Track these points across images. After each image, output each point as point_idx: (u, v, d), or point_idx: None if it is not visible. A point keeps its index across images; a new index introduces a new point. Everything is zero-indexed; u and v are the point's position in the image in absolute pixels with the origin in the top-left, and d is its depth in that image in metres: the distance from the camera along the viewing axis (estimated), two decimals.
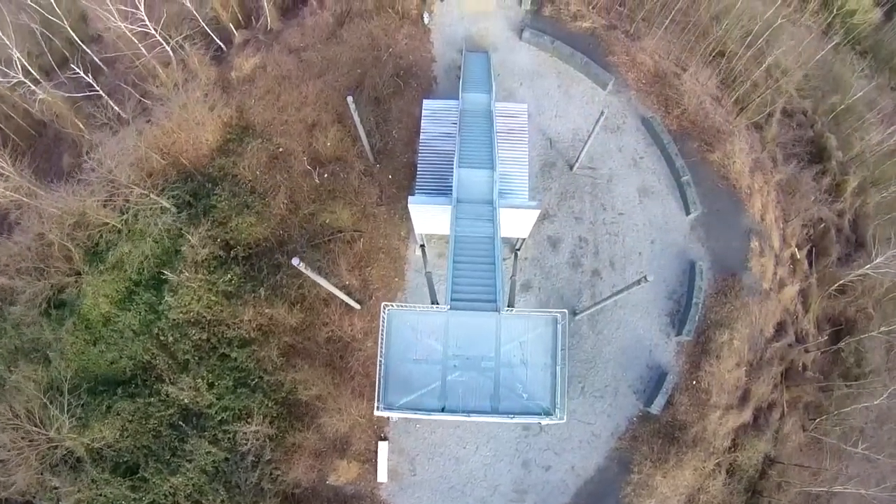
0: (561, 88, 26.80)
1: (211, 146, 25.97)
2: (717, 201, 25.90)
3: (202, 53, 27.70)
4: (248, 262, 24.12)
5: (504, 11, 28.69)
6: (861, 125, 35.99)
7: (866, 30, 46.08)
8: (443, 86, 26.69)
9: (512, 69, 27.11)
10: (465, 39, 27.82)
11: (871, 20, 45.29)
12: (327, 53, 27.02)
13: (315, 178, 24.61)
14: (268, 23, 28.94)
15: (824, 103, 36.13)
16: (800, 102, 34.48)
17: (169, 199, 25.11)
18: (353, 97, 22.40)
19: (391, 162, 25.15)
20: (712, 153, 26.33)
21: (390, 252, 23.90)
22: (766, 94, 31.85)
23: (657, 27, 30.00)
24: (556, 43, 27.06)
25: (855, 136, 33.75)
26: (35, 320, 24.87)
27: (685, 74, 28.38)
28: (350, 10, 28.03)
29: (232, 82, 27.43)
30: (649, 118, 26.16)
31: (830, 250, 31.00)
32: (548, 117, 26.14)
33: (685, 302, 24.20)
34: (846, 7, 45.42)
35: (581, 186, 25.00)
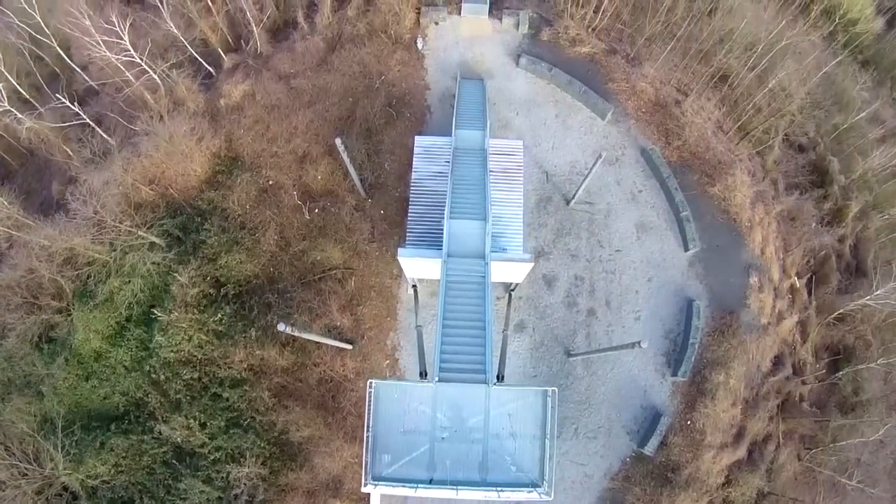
0: (559, 118, 25.86)
1: (200, 178, 25.28)
2: (716, 236, 25.18)
3: (190, 80, 26.82)
4: (238, 299, 23.67)
5: (501, 36, 27.52)
6: (864, 143, 35.15)
7: (868, 39, 45.03)
8: (436, 115, 25.78)
9: (508, 98, 26.12)
10: (460, 66, 26.74)
11: (874, 29, 44.23)
12: (318, 81, 26.03)
13: (305, 214, 23.95)
14: (257, 46, 27.91)
15: (827, 123, 35.14)
16: (802, 124, 33.44)
17: (158, 233, 24.61)
18: (344, 129, 21.78)
19: (383, 196, 24.44)
20: (713, 186, 25.50)
21: (382, 291, 23.39)
22: (768, 119, 31.04)
23: (659, 47, 28.94)
24: (554, 70, 25.99)
25: (857, 159, 32.81)
26: (27, 353, 24.68)
27: (687, 101, 27.35)
28: (341, 34, 26.93)
29: (220, 110, 26.52)
30: (649, 150, 25.26)
31: (830, 278, 30.36)
32: (544, 149, 25.27)
33: (681, 342, 23.70)
34: (848, 16, 44.35)
35: (578, 222, 24.30)
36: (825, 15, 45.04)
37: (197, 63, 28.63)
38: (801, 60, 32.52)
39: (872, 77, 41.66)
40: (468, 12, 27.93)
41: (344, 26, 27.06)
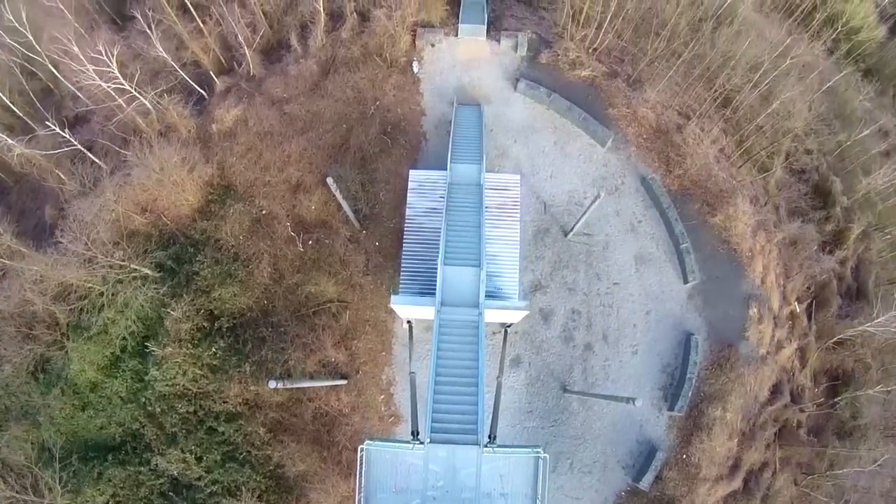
0: (557, 145, 25.17)
1: (192, 206, 24.77)
2: (716, 267, 24.67)
3: (182, 104, 26.16)
4: (232, 333, 23.37)
5: (499, 58, 26.67)
6: (867, 160, 34.44)
7: (871, 47, 44.13)
8: (432, 142, 25.12)
9: (506, 124, 25.39)
10: (457, 90, 25.94)
11: (876, 37, 43.29)
12: (311, 107, 25.32)
13: (299, 246, 23.50)
14: (250, 69, 27.18)
15: (830, 141, 34.34)
16: (805, 142, 32.67)
17: (151, 265, 24.29)
18: (338, 158, 21.32)
19: (378, 227, 23.94)
20: (714, 216, 24.87)
21: (377, 325, 23.06)
22: (771, 141, 30.31)
23: (662, 68, 28.08)
24: (554, 96, 25.20)
25: (860, 180, 32.07)
26: (24, 382, 24.61)
27: (689, 126, 26.59)
28: (335, 57, 26.13)
29: (213, 136, 25.86)
30: (649, 179, 24.60)
31: (831, 301, 29.87)
32: (542, 178, 24.65)
33: (679, 376, 23.38)
34: (851, 24, 43.36)
35: (576, 255, 23.80)
36: (828, 23, 44.43)
37: (189, 86, 28.02)
38: (805, 75, 31.73)
39: (875, 88, 41.04)
40: (465, 34, 27.05)
41: (338, 49, 26.26)
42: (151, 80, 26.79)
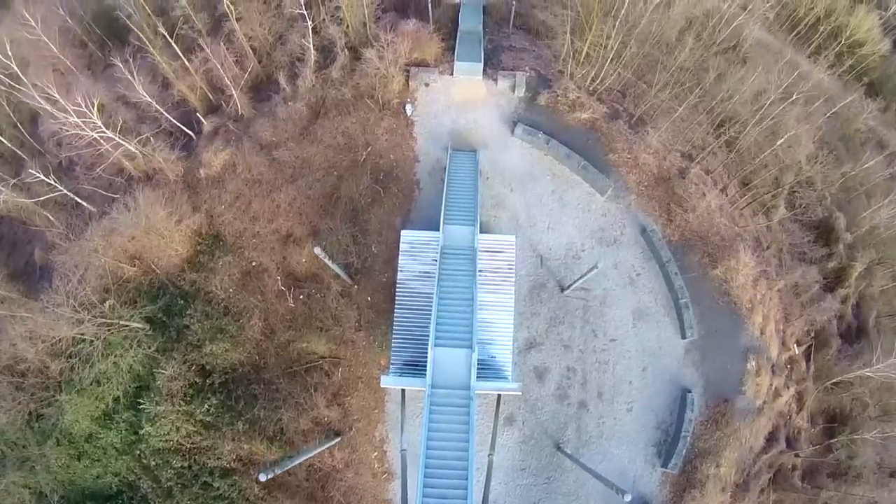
0: (555, 194, 24.06)
1: (181, 256, 24.05)
2: (715, 321, 23.88)
3: (169, 148, 25.05)
4: (224, 388, 22.91)
5: (495, 99, 25.27)
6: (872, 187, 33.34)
7: (875, 61, 42.58)
8: (426, 191, 24.02)
9: (502, 171, 24.20)
10: (452, 134, 24.65)
11: (880, 51, 41.75)
12: (301, 153, 24.15)
13: (290, 302, 22.84)
14: (238, 108, 25.94)
15: (834, 172, 33.06)
16: (809, 174, 31.37)
17: (141, 319, 23.72)
18: (328, 209, 20.56)
19: (370, 282, 23.15)
20: (715, 268, 23.90)
21: (370, 382, 22.54)
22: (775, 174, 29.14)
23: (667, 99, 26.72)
24: (552, 142, 23.89)
25: (865, 215, 30.94)
26: (19, 429, 24.51)
27: (692, 171, 25.43)
28: (325, 99, 24.79)
29: (200, 182, 24.84)
30: (649, 231, 23.61)
31: (831, 342, 29.18)
32: (539, 229, 23.66)
33: (673, 432, 22.93)
34: (854, 37, 41.72)
35: (572, 310, 23.03)
36: (831, 37, 42.71)
37: (176, 126, 26.80)
38: (810, 102, 30.38)
39: (879, 106, 39.69)
40: (461, 73, 25.53)
41: (328, 90, 24.87)
42: (137, 122, 25.60)
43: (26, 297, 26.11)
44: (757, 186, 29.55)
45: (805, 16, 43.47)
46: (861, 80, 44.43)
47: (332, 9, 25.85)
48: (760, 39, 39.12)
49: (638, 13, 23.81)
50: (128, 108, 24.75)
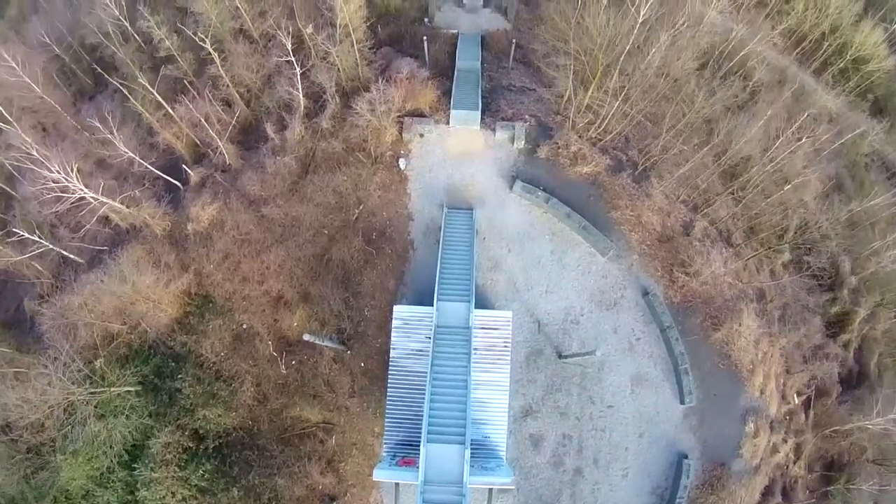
0: (554, 255, 22.81)
1: (170, 316, 23.15)
2: (715, 385, 23.00)
3: (154, 203, 23.84)
4: (219, 453, 22.31)
5: (493, 152, 23.69)
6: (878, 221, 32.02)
7: (880, 77, 40.79)
8: (420, 252, 22.79)
9: (500, 230, 22.88)
10: (447, 190, 23.20)
11: (886, 67, 40.00)
12: (290, 210, 22.81)
13: (282, 368, 22.08)
14: (225, 159, 24.52)
15: (840, 209, 31.59)
16: (814, 214, 29.92)
17: (133, 381, 23.05)
18: (319, 272, 19.61)
19: (363, 347, 22.24)
20: (717, 330, 22.79)
21: (364, 448, 21.91)
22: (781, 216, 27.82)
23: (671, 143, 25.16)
24: (552, 200, 22.41)
25: (869, 251, 29.65)
26: (17, 484, 24.30)
27: (696, 228, 24.07)
28: (315, 152, 23.26)
29: (189, 238, 23.65)
30: (651, 296, 22.51)
31: (831, 390, 28.46)
32: (537, 293, 22.53)
33: (668, 497, 22.44)
34: (859, 54, 39.92)
35: (569, 377, 22.15)
36: (836, 54, 40.83)
37: (163, 177, 25.40)
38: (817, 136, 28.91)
39: (884, 127, 38.11)
40: (457, 122, 23.88)
41: (318, 142, 23.31)
42: (121, 178, 24.30)
43: (18, 350, 25.55)
44: (762, 228, 28.34)
45: (810, 31, 41.54)
46: (865, 96, 42.80)
47: (323, 52, 24.14)
48: (766, 58, 37.12)
49: (644, 64, 22.04)
50: (112, 159, 23.40)
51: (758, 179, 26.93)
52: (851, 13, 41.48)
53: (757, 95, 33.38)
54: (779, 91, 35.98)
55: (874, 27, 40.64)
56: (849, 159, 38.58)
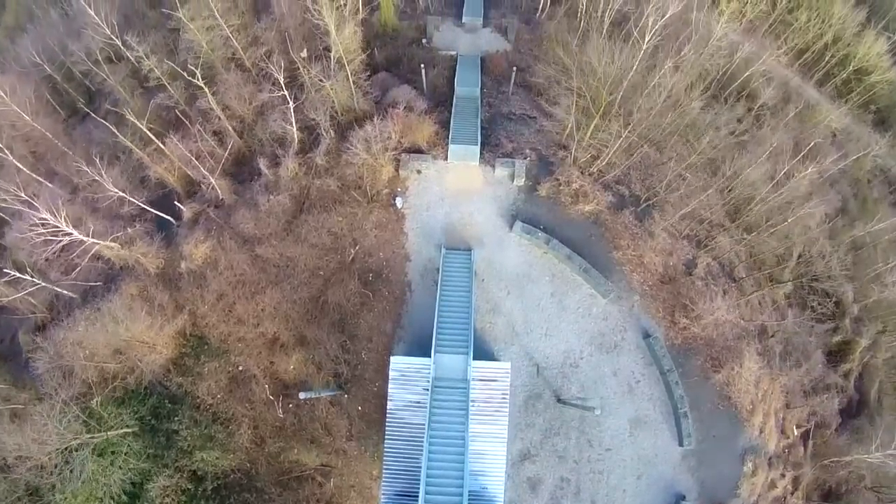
0: (554, 297, 22.14)
1: (166, 357, 22.63)
2: (714, 426, 22.56)
3: (147, 241, 23.08)
4: (217, 495, 21.84)
5: (493, 189, 22.82)
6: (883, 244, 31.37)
7: (883, 89, 39.96)
8: (418, 294, 22.12)
9: (499, 272, 22.15)
10: (445, 230, 22.39)
11: (888, 79, 39.42)
12: (285, 250, 22.04)
13: (279, 412, 21.60)
14: (218, 194, 23.66)
15: (844, 234, 30.85)
16: (819, 243, 29.17)
17: (130, 419, 22.65)
18: (315, 315, 19.12)
19: (360, 390, 21.72)
20: (718, 372, 22.25)
21: (362, 491, 21.55)
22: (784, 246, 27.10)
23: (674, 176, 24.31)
24: (553, 242, 21.69)
25: (873, 286, 28.99)
26: None
27: (699, 267, 23.35)
28: (309, 191, 22.40)
29: (182, 276, 23.06)
30: (651, 340, 21.94)
31: (830, 421, 28.14)
32: (536, 336, 21.94)
33: None
34: (862, 65, 39.08)
35: (568, 420, 21.66)
36: (839, 65, 39.91)
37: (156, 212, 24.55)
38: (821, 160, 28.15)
39: (888, 141, 37.40)
40: (455, 157, 22.96)
41: (312, 180, 22.52)
42: (113, 214, 23.48)
43: (14, 385, 25.12)
44: (765, 258, 27.65)
45: (813, 42, 40.57)
46: (868, 108, 41.90)
47: (317, 82, 23.11)
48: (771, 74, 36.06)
49: (650, 100, 21.08)
50: (102, 201, 22.56)
51: (762, 209, 26.21)
52: (854, 22, 40.62)
53: (762, 119, 32.41)
54: (783, 110, 35.08)
55: (877, 37, 39.88)
56: (852, 176, 37.93)
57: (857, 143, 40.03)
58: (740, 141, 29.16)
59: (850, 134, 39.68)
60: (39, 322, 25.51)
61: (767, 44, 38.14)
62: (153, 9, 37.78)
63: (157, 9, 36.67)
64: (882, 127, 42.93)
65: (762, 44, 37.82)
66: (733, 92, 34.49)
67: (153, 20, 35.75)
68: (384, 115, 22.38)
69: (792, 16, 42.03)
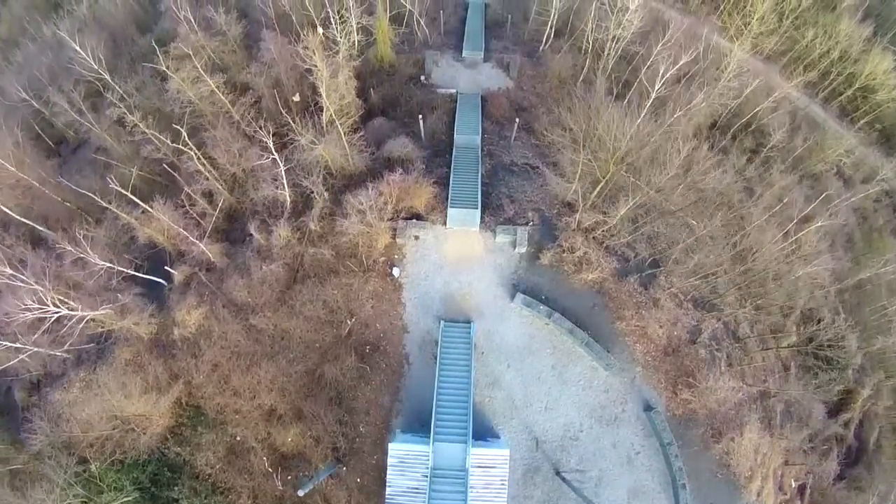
0: (555, 370, 21.21)
1: (163, 424, 21.95)
2: (712, 494, 21.90)
3: (140, 302, 22.02)
4: None
5: (493, 257, 21.53)
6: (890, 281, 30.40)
7: (890, 107, 38.45)
8: (416, 367, 21.17)
9: (499, 345, 21.14)
10: (444, 300, 21.27)
11: (895, 97, 37.97)
12: (279, 322, 20.97)
13: (278, 484, 21.03)
14: (209, 258, 22.40)
15: (850, 276, 29.71)
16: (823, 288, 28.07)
17: (130, 486, 22.15)
18: (312, 389, 18.40)
19: (359, 464, 21.06)
20: (718, 442, 21.51)
21: None
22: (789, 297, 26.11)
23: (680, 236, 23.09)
24: (555, 316, 20.60)
25: (877, 335, 28.07)
26: None
27: (703, 335, 22.36)
28: (303, 258, 21.22)
29: (176, 343, 22.12)
30: (652, 413, 21.20)
31: (828, 471, 27.82)
32: (536, 409, 21.12)
33: None
34: (868, 83, 37.98)
35: (566, 492, 20.99)
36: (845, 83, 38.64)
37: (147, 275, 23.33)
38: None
39: (894, 166, 35.87)
40: (455, 223, 21.58)
41: (306, 247, 21.25)
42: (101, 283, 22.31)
43: (13, 444, 24.60)
44: (771, 310, 26.68)
45: (819, 60, 38.75)
46: (874, 126, 40.34)
47: (309, 144, 21.52)
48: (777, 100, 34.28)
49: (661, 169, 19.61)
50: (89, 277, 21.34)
51: (770, 260, 25.07)
52: (861, 38, 38.77)
53: (771, 162, 30.74)
54: (791, 145, 33.41)
55: (883, 53, 38.25)
56: (860, 205, 36.58)
57: (864, 167, 38.89)
58: (748, 187, 27.75)
59: (855, 154, 38.29)
60: (34, 379, 24.71)
61: (776, 72, 36.19)
62: (144, 35, 35.63)
63: (147, 35, 34.60)
64: (888, 145, 41.60)
65: (769, 70, 35.85)
66: (744, 127, 32.80)
67: (144, 47, 33.67)
68: (379, 177, 20.90)
69: (798, 32, 40.15)
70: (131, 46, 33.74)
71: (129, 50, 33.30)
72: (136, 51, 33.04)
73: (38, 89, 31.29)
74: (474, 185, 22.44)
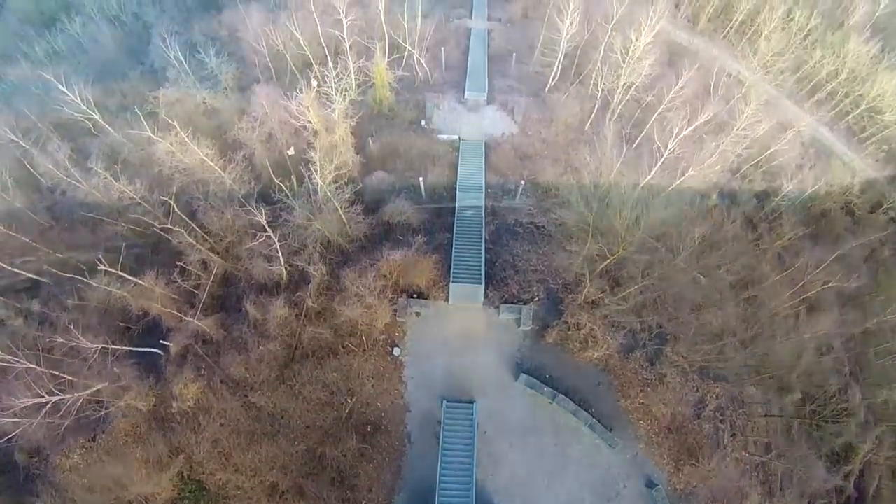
0: (558, 447, 20.47)
1: (165, 499, 21.52)
2: None
3: (140, 373, 21.09)
4: None
5: (497, 335, 20.43)
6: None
7: None
8: (418, 446, 20.32)
9: (502, 423, 20.29)
10: (446, 379, 20.22)
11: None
12: (278, 401, 20.05)
13: None
14: (204, 332, 21.32)
15: (858, 324, 28.72)
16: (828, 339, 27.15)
17: None
18: (313, 468, 17.80)
19: None
20: None
21: None
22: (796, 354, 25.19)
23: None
24: (559, 397, 19.75)
25: (881, 388, 27.30)
26: None
27: (708, 409, 21.52)
28: (301, 337, 20.13)
29: (175, 416, 21.37)
30: (654, 491, 20.59)
31: None
32: (537, 487, 20.54)
33: None
34: (875, 103, 36.67)
35: None
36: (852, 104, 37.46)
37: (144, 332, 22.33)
38: None
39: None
40: (457, 298, 20.42)
41: (304, 325, 20.16)
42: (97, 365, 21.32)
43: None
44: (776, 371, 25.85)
45: (827, 81, 36.94)
46: (881, 147, 38.79)
47: (305, 220, 20.09)
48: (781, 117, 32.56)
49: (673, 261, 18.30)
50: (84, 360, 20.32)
51: (779, 314, 24.12)
52: (868, 55, 36.79)
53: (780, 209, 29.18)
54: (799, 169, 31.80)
55: (892, 72, 36.48)
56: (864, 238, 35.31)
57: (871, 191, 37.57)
58: (761, 249, 26.40)
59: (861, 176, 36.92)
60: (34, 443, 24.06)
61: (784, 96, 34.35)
62: (135, 66, 33.49)
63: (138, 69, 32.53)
64: (894, 165, 40.19)
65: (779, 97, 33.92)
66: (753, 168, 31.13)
67: (135, 80, 31.67)
68: (378, 246, 19.61)
69: (806, 52, 38.22)
70: (121, 83, 31.55)
71: (120, 87, 31.16)
72: (127, 86, 30.94)
73: (26, 128, 29.52)
74: (478, 257, 21.18)
